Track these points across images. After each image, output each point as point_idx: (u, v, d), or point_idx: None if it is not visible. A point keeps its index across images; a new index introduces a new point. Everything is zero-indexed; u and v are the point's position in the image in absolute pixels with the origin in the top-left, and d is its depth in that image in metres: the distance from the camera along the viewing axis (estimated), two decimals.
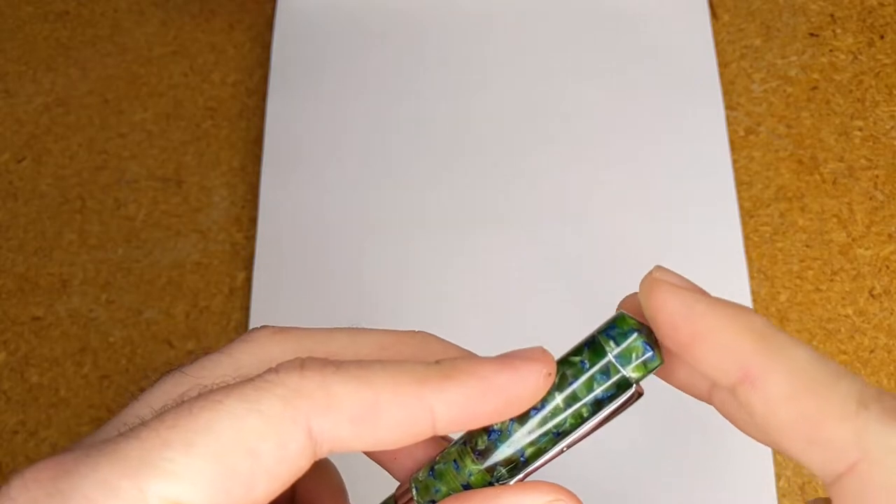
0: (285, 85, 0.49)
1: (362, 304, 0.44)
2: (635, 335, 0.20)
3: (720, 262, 0.44)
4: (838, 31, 0.50)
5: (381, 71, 0.50)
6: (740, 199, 0.46)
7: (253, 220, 0.47)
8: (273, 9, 0.51)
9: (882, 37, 0.50)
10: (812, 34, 0.50)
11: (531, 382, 0.19)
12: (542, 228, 0.45)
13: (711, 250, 0.44)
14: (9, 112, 0.50)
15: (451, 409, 0.18)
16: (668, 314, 0.19)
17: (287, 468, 0.17)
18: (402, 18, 0.51)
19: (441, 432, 0.18)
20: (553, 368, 0.20)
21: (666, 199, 0.45)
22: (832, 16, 0.51)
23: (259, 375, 0.18)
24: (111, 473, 0.16)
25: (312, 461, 0.18)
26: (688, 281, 0.20)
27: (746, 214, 0.45)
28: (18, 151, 0.49)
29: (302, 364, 0.18)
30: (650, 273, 0.20)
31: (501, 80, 0.49)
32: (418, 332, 0.21)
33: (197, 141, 0.49)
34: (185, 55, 0.52)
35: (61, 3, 0.53)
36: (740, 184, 0.46)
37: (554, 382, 0.20)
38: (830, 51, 0.50)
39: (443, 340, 0.22)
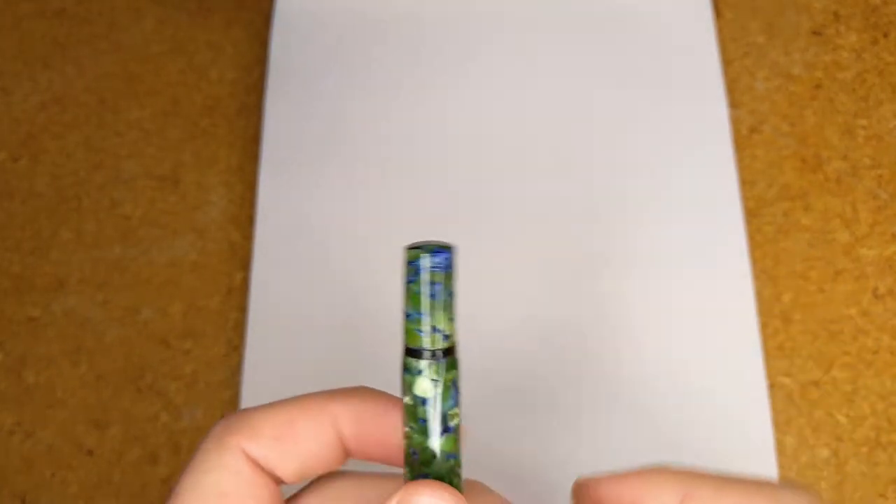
0: (284, 83, 0.49)
1: (361, 304, 0.44)
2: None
3: (723, 262, 0.43)
4: (842, 28, 0.50)
5: (380, 69, 0.49)
6: (744, 198, 0.45)
7: (251, 220, 0.46)
8: (271, 6, 0.51)
9: (886, 35, 0.50)
10: (815, 32, 0.50)
11: None
12: (543, 228, 0.45)
13: (715, 250, 0.44)
14: (5, 110, 0.50)
15: (351, 418, 0.22)
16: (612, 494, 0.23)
17: (256, 492, 0.21)
18: (402, 16, 0.50)
19: (350, 443, 0.22)
20: None
21: (669, 198, 0.45)
22: (836, 14, 0.50)
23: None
24: None
25: (279, 484, 0.22)
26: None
27: (750, 214, 0.45)
28: (15, 150, 0.49)
29: (226, 414, 0.22)
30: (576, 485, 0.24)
31: (502, 79, 0.49)
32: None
33: (194, 139, 0.49)
34: (182, 53, 0.51)
35: (58, 1, 0.53)
36: (743, 183, 0.46)
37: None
38: (834, 49, 0.49)
39: None
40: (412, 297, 0.20)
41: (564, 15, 0.50)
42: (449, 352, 0.21)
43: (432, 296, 0.20)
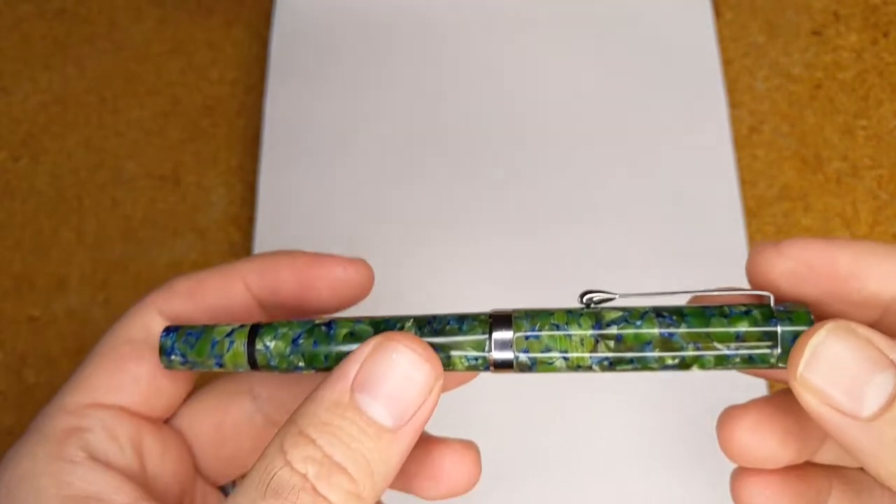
0: (283, 82, 0.49)
1: (361, 304, 0.44)
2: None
3: (723, 261, 0.43)
4: (842, 28, 0.50)
5: (380, 68, 0.49)
6: (744, 198, 0.45)
7: (251, 220, 0.46)
8: (271, 5, 0.51)
9: (886, 35, 0.50)
10: (815, 32, 0.50)
11: (329, 270, 0.26)
12: (542, 226, 0.45)
13: (715, 250, 0.44)
14: (6, 110, 0.50)
15: (256, 271, 0.25)
16: (820, 261, 0.21)
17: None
18: (402, 14, 0.51)
19: (260, 294, 0.25)
20: (358, 270, 0.26)
21: (669, 198, 0.45)
22: (836, 14, 0.50)
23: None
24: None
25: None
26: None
27: (750, 214, 0.45)
28: (15, 150, 0.49)
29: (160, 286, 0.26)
30: (765, 248, 0.22)
31: (502, 78, 0.49)
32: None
33: (195, 139, 0.49)
34: (182, 52, 0.51)
35: (59, 1, 0.53)
36: (744, 183, 0.46)
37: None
38: (834, 49, 0.49)
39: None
40: None
41: (565, 14, 0.50)
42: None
43: None
